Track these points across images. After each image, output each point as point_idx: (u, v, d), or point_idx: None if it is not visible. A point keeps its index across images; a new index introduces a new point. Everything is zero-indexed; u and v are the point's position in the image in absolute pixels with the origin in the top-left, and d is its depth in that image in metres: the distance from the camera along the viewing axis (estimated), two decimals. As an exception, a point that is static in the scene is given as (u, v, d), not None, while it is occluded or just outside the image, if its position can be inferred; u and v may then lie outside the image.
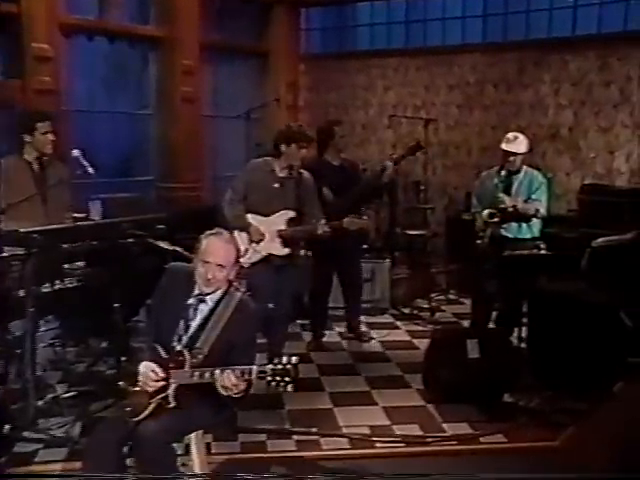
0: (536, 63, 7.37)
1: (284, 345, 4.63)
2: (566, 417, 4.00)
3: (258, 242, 4.42)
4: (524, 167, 4.96)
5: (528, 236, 4.99)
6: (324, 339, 5.43)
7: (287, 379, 2.54)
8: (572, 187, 7.18)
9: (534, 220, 4.95)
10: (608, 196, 6.48)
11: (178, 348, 2.89)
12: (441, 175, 8.00)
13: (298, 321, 5.72)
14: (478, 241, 4.91)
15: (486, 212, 4.89)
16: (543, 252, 4.83)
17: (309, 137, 4.49)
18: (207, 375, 2.75)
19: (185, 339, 2.92)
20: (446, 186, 7.96)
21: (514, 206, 4.86)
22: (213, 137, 7.75)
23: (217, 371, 2.72)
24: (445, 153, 8.04)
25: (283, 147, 4.41)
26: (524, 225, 4.98)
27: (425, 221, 7.06)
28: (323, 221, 4.41)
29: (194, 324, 2.93)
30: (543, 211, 4.94)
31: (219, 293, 2.96)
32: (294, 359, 2.57)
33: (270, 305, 4.39)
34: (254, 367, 2.62)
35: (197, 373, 2.78)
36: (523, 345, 4.67)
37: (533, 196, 4.91)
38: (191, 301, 2.95)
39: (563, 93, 7.24)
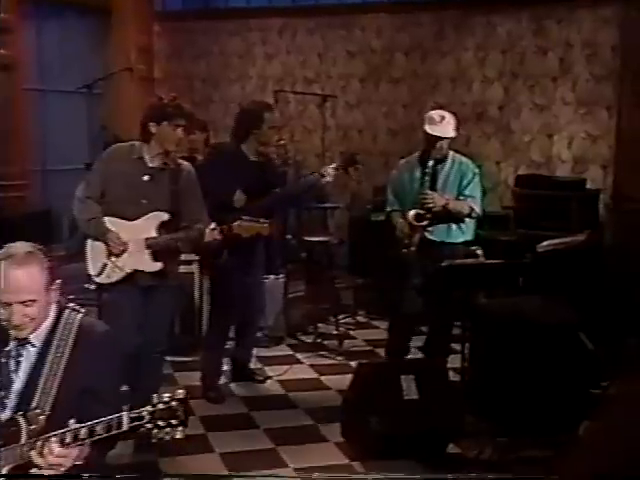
0: (457, 26, 7.47)
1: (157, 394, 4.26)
2: (526, 468, 4.01)
3: (119, 255, 4.19)
4: (450, 154, 5.01)
5: (460, 240, 5.05)
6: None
7: (174, 421, 2.34)
8: (503, 178, 7.33)
9: (467, 220, 5.01)
10: (549, 189, 6.64)
11: (4, 416, 2.67)
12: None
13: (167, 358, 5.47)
14: (404, 250, 4.94)
15: (413, 213, 4.90)
16: (486, 261, 4.77)
17: (187, 113, 4.32)
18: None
19: (12, 402, 2.70)
20: (347, 180, 7.83)
21: (445, 205, 4.89)
22: (42, 118, 7.54)
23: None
24: (345, 138, 8.09)
25: (153, 127, 4.18)
26: (454, 226, 5.03)
27: (325, 224, 7.07)
28: (212, 225, 4.24)
29: (19, 378, 2.73)
30: (478, 210, 5.03)
31: (46, 325, 2.75)
32: (180, 392, 2.38)
33: (135, 340, 4.15)
34: (124, 415, 2.38)
35: (38, 443, 2.51)
36: (461, 378, 4.69)
37: (466, 191, 4.99)
38: (9, 348, 2.74)
39: (490, 63, 7.36)
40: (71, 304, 2.79)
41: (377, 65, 7.85)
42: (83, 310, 2.79)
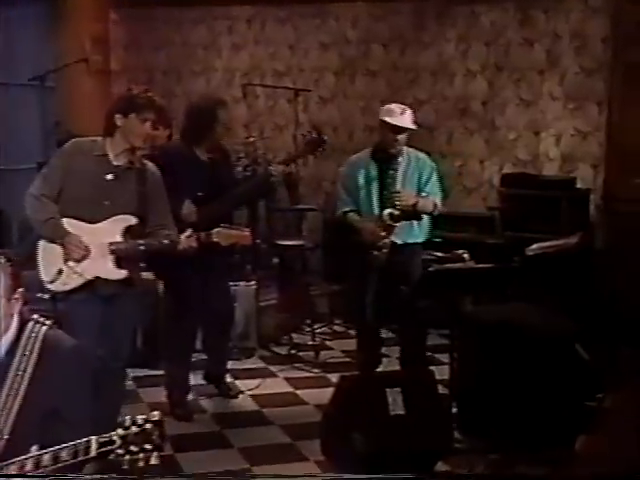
0: (438, 16, 7.46)
1: (119, 412, 4.25)
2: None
3: (79, 260, 4.08)
4: (405, 149, 5.11)
5: (419, 240, 5.20)
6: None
7: (148, 446, 2.30)
8: (487, 178, 7.35)
9: (424, 218, 5.14)
10: (538, 189, 6.69)
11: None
12: (314, 165, 7.85)
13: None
14: (375, 252, 4.95)
15: (387, 212, 4.95)
16: (475, 265, 4.80)
17: (158, 106, 4.20)
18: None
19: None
20: (321, 180, 7.88)
21: (415, 203, 4.99)
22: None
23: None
24: None
25: (119, 119, 4.10)
26: (415, 225, 5.13)
27: (299, 227, 7.07)
28: (188, 232, 4.19)
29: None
30: (440, 207, 5.16)
31: (7, 339, 2.67)
32: (155, 414, 2.35)
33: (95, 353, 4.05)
34: (92, 439, 2.33)
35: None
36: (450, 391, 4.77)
37: (426, 188, 5.09)
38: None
39: (474, 55, 7.34)
40: (35, 315, 2.71)
41: (353, 57, 7.81)
42: (48, 322, 2.72)
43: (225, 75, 8.34)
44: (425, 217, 5.15)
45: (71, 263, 4.06)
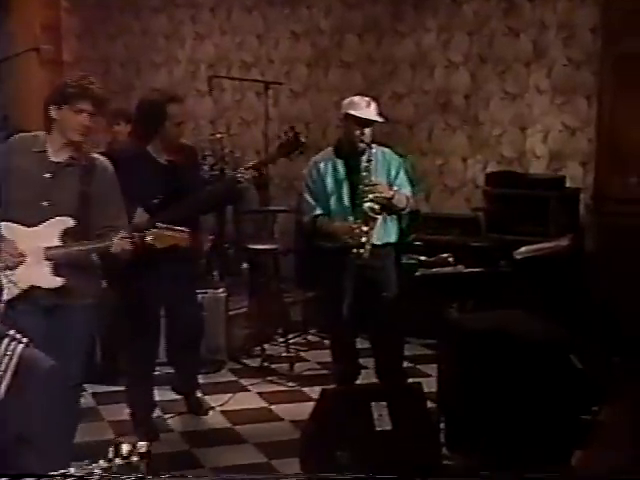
0: (417, 4, 7.47)
1: (74, 433, 4.24)
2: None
3: (14, 267, 3.94)
4: (370, 144, 5.13)
5: (393, 240, 5.21)
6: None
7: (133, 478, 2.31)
8: (470, 177, 7.38)
9: (394, 217, 5.19)
10: (525, 188, 6.73)
11: None
12: (285, 164, 7.78)
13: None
14: (356, 250, 4.95)
15: (368, 205, 4.96)
16: (465, 269, 4.82)
17: (95, 95, 4.02)
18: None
19: None
20: (293, 179, 7.83)
21: (392, 197, 5.03)
22: None
23: None
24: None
25: (53, 111, 3.98)
26: (389, 223, 5.16)
27: (270, 230, 7.12)
28: (121, 233, 4.01)
29: None
30: (412, 202, 5.24)
31: None
32: (142, 444, 2.36)
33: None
34: (71, 471, 2.33)
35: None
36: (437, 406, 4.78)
37: (396, 182, 5.14)
38: None
39: (455, 46, 7.36)
40: (11, 331, 2.64)
41: (326, 48, 7.80)
42: (25, 340, 2.66)
43: (189, 67, 8.31)
44: (394, 216, 5.18)
45: (7, 272, 3.94)
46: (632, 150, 6.54)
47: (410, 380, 5.16)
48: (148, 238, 4.04)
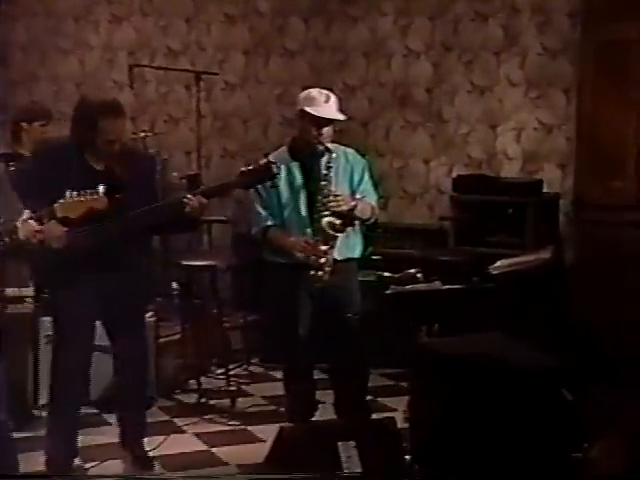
0: (371, -17, 7.56)
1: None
2: None
3: None
4: (330, 144, 5.17)
5: (356, 254, 5.27)
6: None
7: None
8: (434, 182, 7.44)
9: (356, 229, 5.23)
10: (497, 194, 6.81)
11: None
12: (220, 166, 7.95)
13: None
14: (314, 272, 4.98)
15: (327, 220, 5.00)
16: (443, 286, 4.85)
17: None
18: None
19: None
20: (229, 185, 7.80)
21: (354, 208, 5.04)
22: None
23: None
24: (224, 129, 8.07)
25: None
26: (352, 235, 5.21)
27: (210, 243, 7.06)
28: (25, 215, 4.00)
29: None
30: (377, 211, 5.30)
31: None
32: None
33: None
34: None
35: None
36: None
37: (360, 189, 5.19)
38: None
39: (416, 32, 7.41)
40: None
41: (266, 33, 7.83)
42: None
43: (104, 54, 8.31)
44: (357, 227, 5.22)
45: None
46: (615, 150, 6.62)
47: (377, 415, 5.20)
48: (58, 212, 4.08)
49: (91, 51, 8.32)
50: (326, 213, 4.97)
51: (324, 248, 4.96)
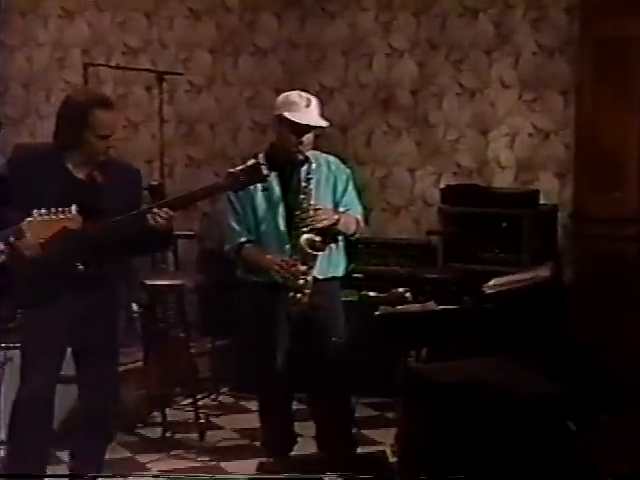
0: (352, -23, 7.57)
1: None
2: None
3: None
4: (311, 152, 5.19)
5: (339, 273, 5.30)
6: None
7: None
8: (420, 192, 7.41)
9: (340, 244, 5.25)
10: (489, 206, 6.79)
11: None
12: (185, 175, 7.93)
13: None
14: (293, 294, 4.99)
15: (306, 238, 4.99)
16: (437, 307, 5.00)
17: None
18: None
19: None
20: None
21: (337, 222, 5.04)
22: None
23: None
24: (190, 136, 8.06)
25: None
26: (334, 252, 5.22)
27: (176, 260, 7.05)
28: None
29: None
30: (363, 225, 5.33)
31: None
32: None
33: None
34: None
35: None
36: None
37: (343, 201, 5.20)
38: None
39: (399, 29, 7.40)
40: None
41: (235, 30, 7.80)
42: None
43: (55, 52, 8.26)
44: (341, 243, 5.22)
45: None
46: (618, 158, 6.66)
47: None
48: (26, 230, 4.04)
49: (39, 48, 8.27)
50: (305, 229, 4.96)
51: (303, 268, 4.94)
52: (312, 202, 5.00)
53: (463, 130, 7.27)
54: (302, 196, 5.00)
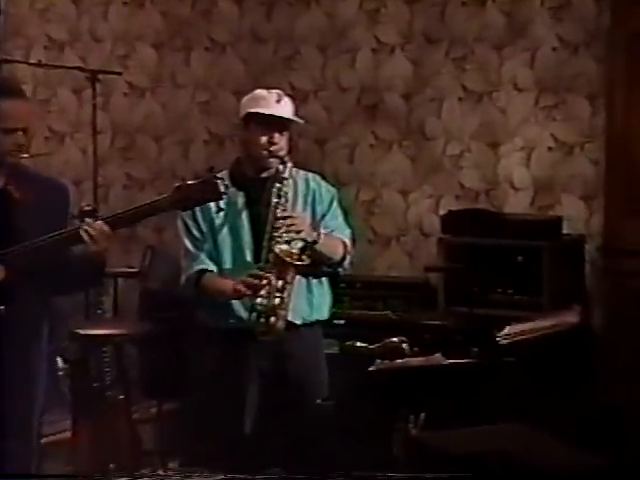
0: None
1: None
2: None
3: None
4: (287, 164, 5.30)
5: (324, 315, 5.37)
6: None
7: None
8: (415, 219, 7.41)
9: (323, 279, 5.37)
10: (501, 236, 6.77)
11: None
12: (123, 200, 7.94)
13: None
14: (264, 319, 5.02)
15: (280, 248, 5.05)
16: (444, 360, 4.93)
17: None
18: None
19: None
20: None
21: (317, 240, 5.12)
22: None
23: None
24: (130, 151, 8.19)
25: None
26: (315, 287, 5.31)
27: (114, 303, 7.07)
28: None
29: None
30: (352, 251, 5.42)
31: None
32: None
33: None
34: None
35: None
36: None
37: (325, 224, 5.29)
38: None
39: (388, 20, 7.44)
40: None
41: (185, 20, 7.90)
42: None
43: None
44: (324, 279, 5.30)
45: None
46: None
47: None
48: None
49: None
50: (280, 240, 5.01)
51: (279, 284, 4.96)
52: (283, 211, 5.07)
53: (467, 143, 7.28)
54: (273, 207, 5.05)
